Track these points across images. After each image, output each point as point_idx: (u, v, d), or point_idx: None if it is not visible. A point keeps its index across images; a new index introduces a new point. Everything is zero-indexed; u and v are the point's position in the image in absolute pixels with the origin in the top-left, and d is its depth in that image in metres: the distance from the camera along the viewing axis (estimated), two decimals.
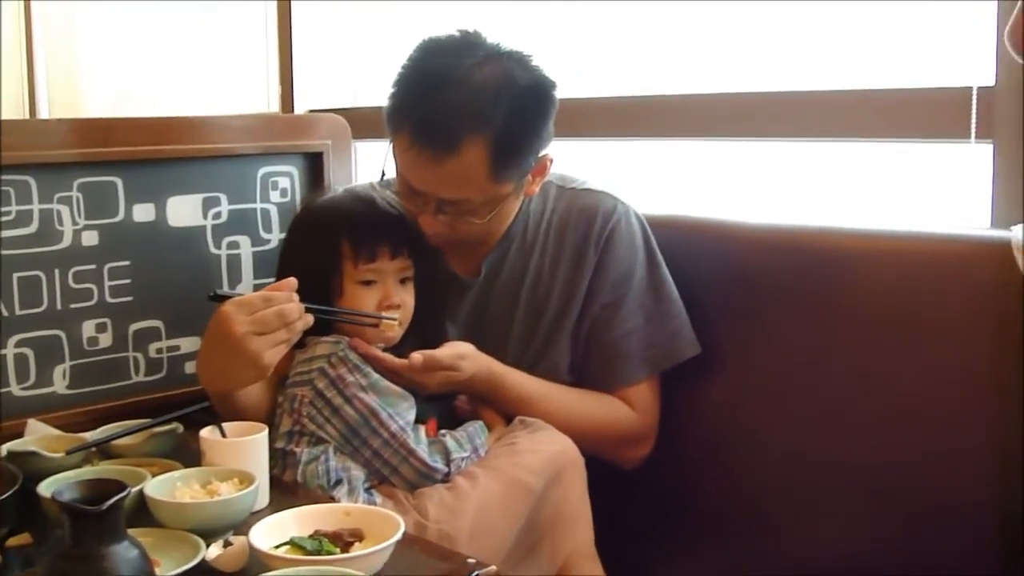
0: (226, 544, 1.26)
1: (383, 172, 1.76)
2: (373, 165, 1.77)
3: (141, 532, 1.25)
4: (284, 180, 2.11)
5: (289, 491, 1.53)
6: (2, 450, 1.54)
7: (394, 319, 1.65)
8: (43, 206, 1.84)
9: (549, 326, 1.81)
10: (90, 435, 1.62)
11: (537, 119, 1.67)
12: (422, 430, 1.63)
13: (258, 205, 2.08)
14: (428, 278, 1.75)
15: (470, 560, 1.31)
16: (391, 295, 1.67)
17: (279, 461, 1.60)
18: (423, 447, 1.59)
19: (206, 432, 1.48)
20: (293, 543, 1.23)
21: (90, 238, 1.90)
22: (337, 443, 1.60)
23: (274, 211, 2.10)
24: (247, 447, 1.46)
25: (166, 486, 1.39)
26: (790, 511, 1.79)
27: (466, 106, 1.60)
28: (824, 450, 1.74)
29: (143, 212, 1.95)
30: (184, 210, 2.00)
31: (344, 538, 1.24)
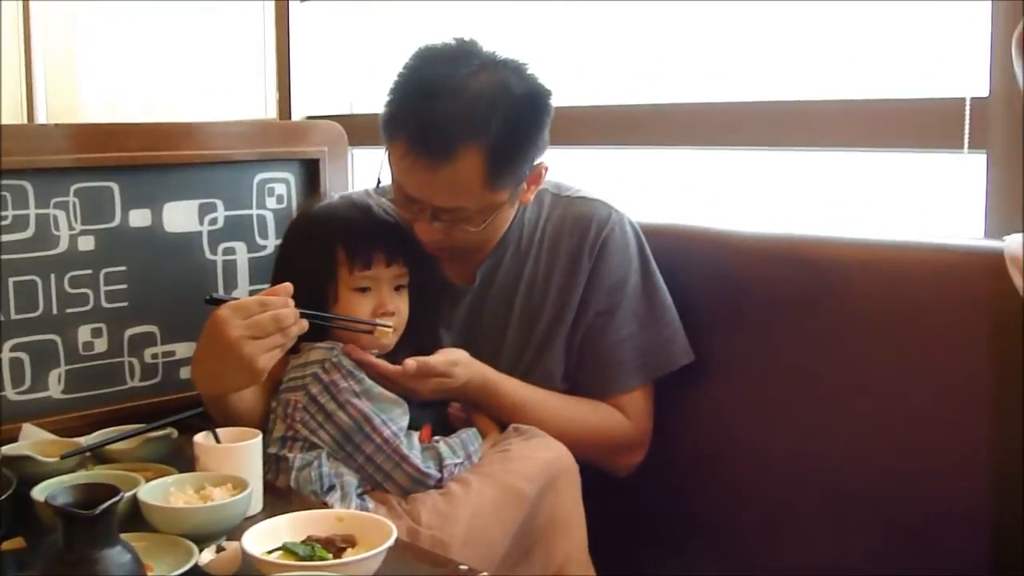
0: (219, 549, 1.26)
1: (379, 180, 1.77)
2: (370, 172, 1.77)
3: (135, 537, 1.25)
4: (280, 187, 2.12)
5: (282, 497, 1.53)
6: None
7: (388, 326, 1.65)
8: (39, 211, 1.84)
9: (543, 333, 1.81)
10: (85, 440, 1.62)
11: (532, 127, 1.67)
12: (415, 436, 1.63)
13: (254, 211, 2.09)
14: (423, 285, 1.75)
15: (462, 567, 1.31)
16: (386, 302, 1.68)
17: (272, 466, 1.60)
18: (416, 453, 1.59)
19: (200, 437, 1.49)
20: (286, 548, 1.23)
21: (86, 243, 1.90)
22: (330, 449, 1.60)
23: (270, 217, 2.11)
24: (241, 453, 1.46)
25: (160, 491, 1.39)
26: (784, 518, 1.79)
27: (462, 115, 1.60)
28: (817, 458, 1.75)
29: (139, 217, 1.96)
30: (180, 216, 2.00)
31: (337, 544, 1.24)
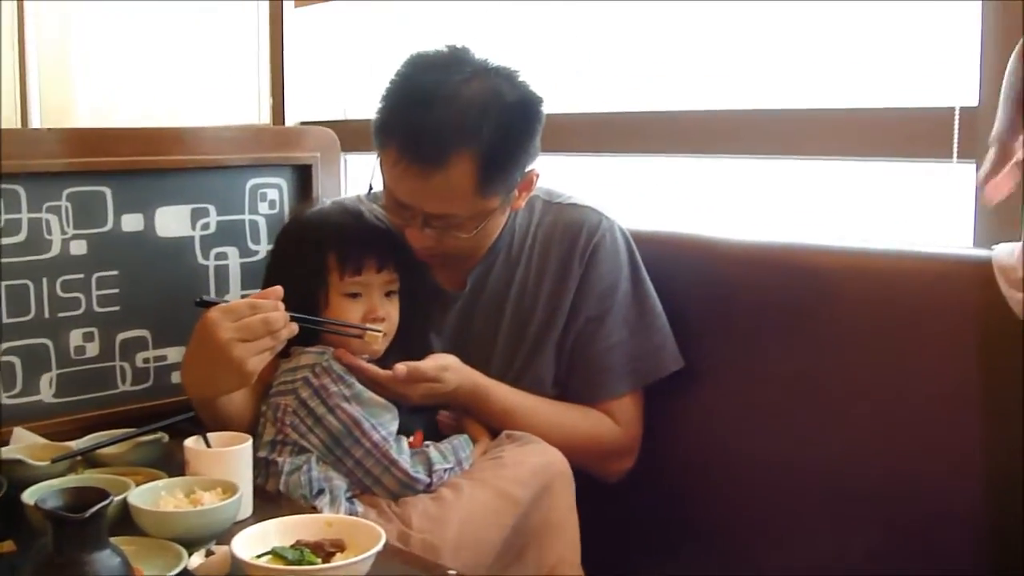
0: (208, 553, 1.27)
1: (371, 186, 1.77)
2: (364, 177, 1.78)
3: (124, 541, 1.25)
4: (273, 192, 2.12)
5: (272, 501, 1.53)
6: None
7: (379, 330, 1.65)
8: (32, 215, 1.85)
9: (534, 340, 1.81)
10: (76, 444, 1.62)
11: (524, 135, 1.68)
12: (404, 441, 1.63)
13: (246, 216, 2.09)
14: (413, 291, 1.76)
15: (451, 572, 1.32)
16: (376, 308, 1.68)
17: (262, 470, 1.60)
18: (405, 458, 1.59)
19: (190, 442, 1.49)
20: (275, 553, 1.23)
21: (79, 247, 1.90)
22: (320, 453, 1.60)
23: (262, 223, 2.11)
24: (231, 457, 1.47)
25: (150, 495, 1.39)
26: (774, 524, 1.80)
27: (453, 122, 1.61)
28: (807, 464, 1.75)
29: (132, 222, 1.96)
30: (172, 220, 2.01)
31: (325, 548, 1.24)
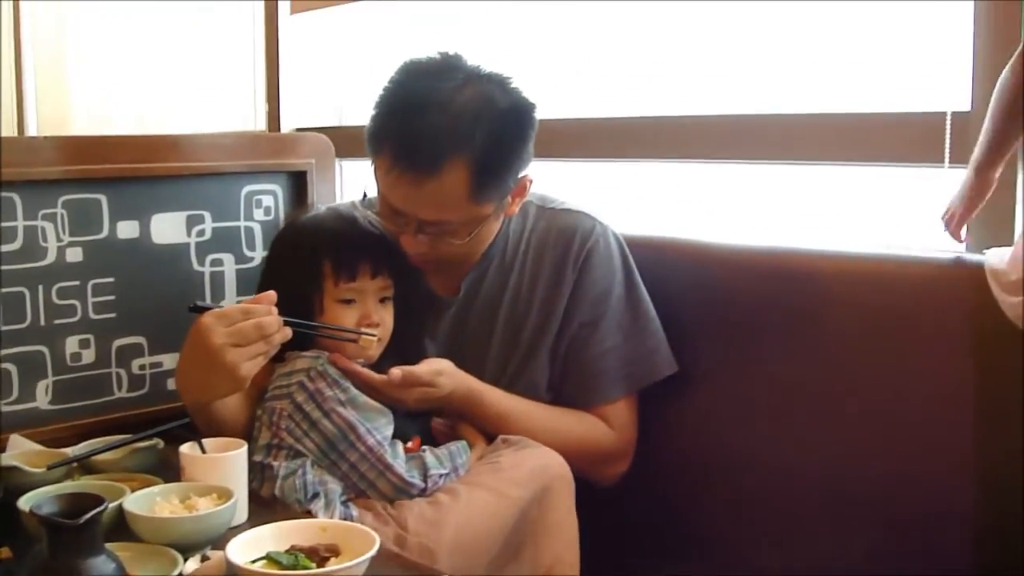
0: (204, 558, 1.27)
1: (364, 192, 1.78)
2: (359, 183, 1.78)
3: (120, 547, 1.26)
4: (268, 198, 2.12)
5: (267, 507, 1.54)
6: None
7: (373, 335, 1.65)
8: (27, 223, 1.85)
9: (528, 344, 1.82)
10: (71, 450, 1.62)
11: (517, 141, 1.69)
12: (400, 445, 1.63)
13: (242, 223, 2.10)
14: (408, 297, 1.76)
15: None
16: (371, 314, 1.68)
17: (257, 474, 1.60)
18: (400, 462, 1.60)
19: (186, 448, 1.49)
20: (269, 558, 1.23)
21: (74, 255, 1.91)
22: (315, 457, 1.60)
23: (258, 229, 2.11)
24: (226, 463, 1.47)
25: (145, 501, 1.40)
26: (770, 526, 1.80)
27: (446, 129, 1.61)
28: (802, 466, 1.76)
29: (127, 229, 1.96)
30: (168, 227, 2.01)
31: (320, 553, 1.25)
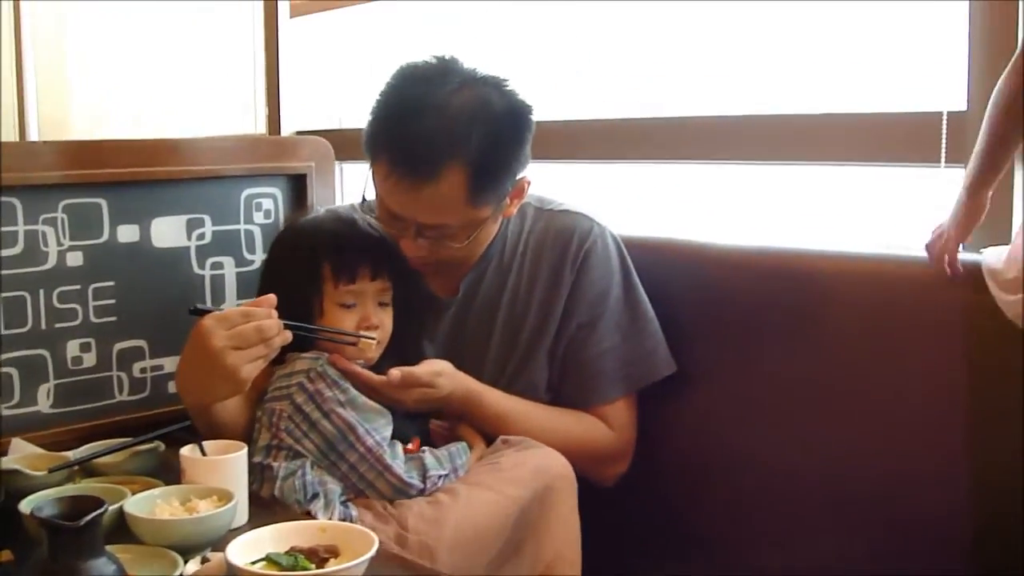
0: (204, 560, 1.28)
1: (364, 196, 1.78)
2: (359, 186, 1.78)
3: (121, 549, 1.26)
4: (268, 202, 2.13)
5: (267, 508, 1.54)
6: None
7: (372, 338, 1.66)
8: (28, 227, 1.86)
9: (526, 345, 1.82)
10: (72, 454, 1.63)
11: (514, 144, 1.69)
12: (399, 446, 1.63)
13: (242, 226, 2.10)
14: (407, 298, 1.76)
15: None
16: (370, 317, 1.69)
17: (257, 475, 1.61)
18: (399, 463, 1.60)
19: (186, 450, 1.50)
20: (269, 559, 1.24)
21: (75, 259, 1.92)
22: (314, 457, 1.61)
23: (258, 232, 2.12)
24: (226, 465, 1.47)
25: (146, 503, 1.40)
26: (767, 526, 1.81)
27: (443, 134, 1.61)
28: (801, 465, 1.76)
29: (127, 233, 1.97)
30: (168, 231, 2.02)
31: (319, 554, 1.25)
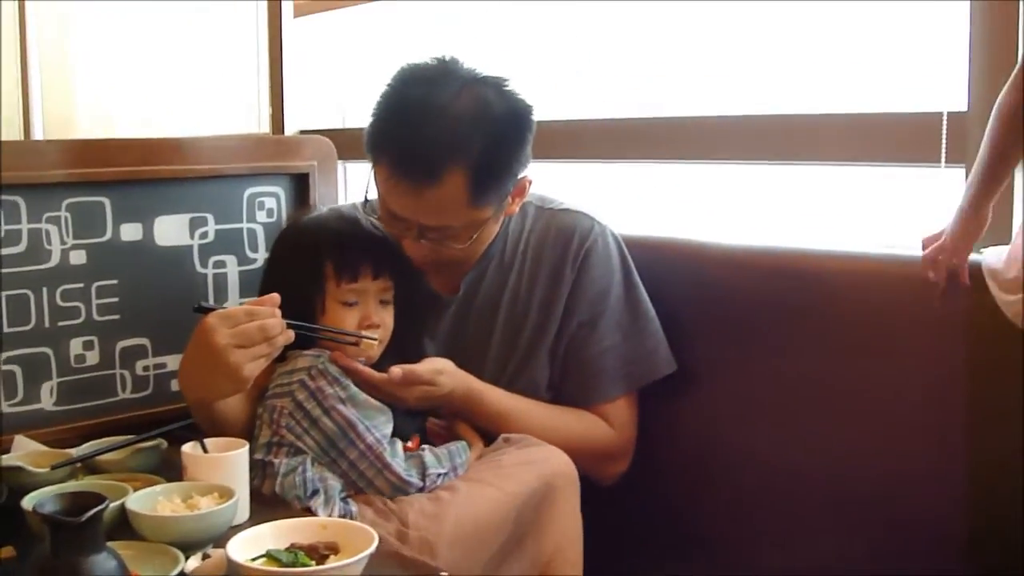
0: (205, 557, 1.28)
1: (365, 197, 1.79)
2: (362, 185, 1.79)
3: (122, 545, 1.27)
4: (270, 200, 2.14)
5: (268, 505, 1.55)
6: None
7: (374, 338, 1.66)
8: (32, 225, 1.87)
9: (527, 344, 1.83)
10: (75, 451, 1.64)
11: (515, 144, 1.69)
12: (399, 444, 1.64)
13: (244, 225, 2.11)
14: (408, 297, 1.77)
15: (443, 574, 1.33)
16: (372, 316, 1.69)
17: (258, 472, 1.61)
18: (399, 461, 1.61)
19: (188, 448, 1.50)
20: (269, 555, 1.25)
21: (78, 257, 1.92)
22: (315, 454, 1.61)
23: (260, 231, 2.13)
24: (228, 462, 1.48)
25: (148, 500, 1.41)
26: (768, 526, 1.81)
27: (444, 137, 1.62)
28: (802, 464, 1.77)
29: (130, 231, 1.98)
30: (171, 230, 2.02)
31: (320, 551, 1.26)
